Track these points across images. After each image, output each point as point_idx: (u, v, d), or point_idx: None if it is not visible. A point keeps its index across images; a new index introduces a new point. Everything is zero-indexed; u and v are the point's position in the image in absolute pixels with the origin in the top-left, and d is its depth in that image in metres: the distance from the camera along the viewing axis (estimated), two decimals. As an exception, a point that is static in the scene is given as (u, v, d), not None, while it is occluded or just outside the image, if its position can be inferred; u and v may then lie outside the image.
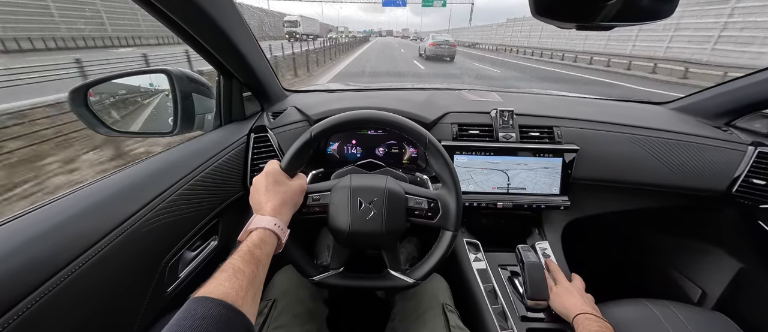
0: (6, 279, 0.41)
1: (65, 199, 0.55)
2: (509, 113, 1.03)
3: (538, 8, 0.48)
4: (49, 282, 0.44)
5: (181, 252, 0.71)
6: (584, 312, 0.70)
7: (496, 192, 1.00)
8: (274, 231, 0.54)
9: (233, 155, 0.89)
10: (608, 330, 0.66)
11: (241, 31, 0.80)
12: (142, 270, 0.60)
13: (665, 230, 1.38)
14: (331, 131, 0.67)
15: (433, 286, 0.83)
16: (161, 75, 0.88)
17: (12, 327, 0.39)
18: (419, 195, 0.69)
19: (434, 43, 17.50)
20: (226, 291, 0.40)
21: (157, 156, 0.75)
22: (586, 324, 0.67)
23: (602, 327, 0.66)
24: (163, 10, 0.60)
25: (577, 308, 0.72)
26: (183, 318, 0.36)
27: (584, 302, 0.75)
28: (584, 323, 0.67)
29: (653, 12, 0.45)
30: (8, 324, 0.39)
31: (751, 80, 1.04)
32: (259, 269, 0.47)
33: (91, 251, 0.50)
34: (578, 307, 0.72)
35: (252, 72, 0.94)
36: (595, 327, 0.66)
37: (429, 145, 0.66)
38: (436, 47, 17.44)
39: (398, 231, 0.68)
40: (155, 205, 0.62)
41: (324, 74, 11.40)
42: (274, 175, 0.61)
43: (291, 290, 0.78)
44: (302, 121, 1.06)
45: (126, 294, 0.57)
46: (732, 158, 1.01)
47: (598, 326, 0.66)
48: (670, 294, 1.12)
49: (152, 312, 0.64)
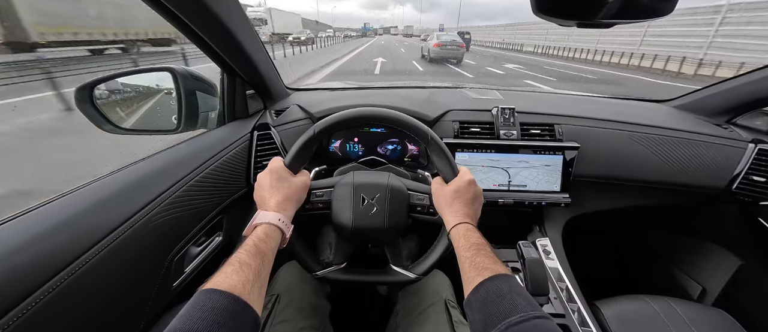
0: (17, 273, 0.42)
1: (73, 195, 0.56)
2: (510, 111, 1.03)
3: (539, 6, 0.48)
4: (59, 275, 0.45)
5: (187, 248, 0.72)
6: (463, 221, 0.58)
7: (497, 189, 1.01)
8: (279, 226, 0.55)
9: (237, 152, 0.90)
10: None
11: (246, 30, 0.81)
12: (150, 265, 0.62)
13: (666, 227, 1.39)
14: (334, 128, 0.67)
15: (435, 282, 0.83)
16: (165, 73, 0.89)
17: (22, 319, 0.40)
18: (421, 191, 0.70)
19: (439, 44, 14.95)
20: (234, 283, 0.41)
21: (162, 153, 0.76)
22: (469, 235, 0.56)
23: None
24: (171, 10, 0.61)
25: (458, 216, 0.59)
26: (193, 308, 0.37)
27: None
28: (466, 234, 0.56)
29: (653, 9, 0.46)
30: (19, 316, 0.40)
31: (751, 78, 1.04)
32: (264, 263, 0.48)
33: (100, 244, 0.51)
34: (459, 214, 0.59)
35: (256, 70, 0.94)
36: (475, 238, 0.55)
37: (430, 141, 0.67)
38: (442, 48, 14.87)
39: (400, 227, 0.69)
40: (162, 201, 0.63)
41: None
42: (278, 172, 0.62)
43: (294, 285, 0.79)
44: (305, 118, 1.07)
45: (134, 288, 0.58)
46: (732, 155, 1.01)
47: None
48: (670, 291, 1.13)
49: (158, 306, 0.65)
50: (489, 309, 0.42)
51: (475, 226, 0.58)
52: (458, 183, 0.63)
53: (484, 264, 0.49)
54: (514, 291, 0.43)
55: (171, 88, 0.90)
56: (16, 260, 0.42)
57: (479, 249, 0.52)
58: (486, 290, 0.45)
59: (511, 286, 0.44)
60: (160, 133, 0.93)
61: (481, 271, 0.48)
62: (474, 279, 0.47)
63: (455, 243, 0.57)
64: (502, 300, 0.42)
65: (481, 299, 0.45)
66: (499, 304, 0.42)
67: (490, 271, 0.47)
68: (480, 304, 0.44)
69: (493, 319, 0.40)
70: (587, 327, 0.78)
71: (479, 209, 0.64)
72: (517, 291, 0.43)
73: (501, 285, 0.45)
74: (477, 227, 0.59)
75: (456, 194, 0.62)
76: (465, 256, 0.52)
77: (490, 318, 0.41)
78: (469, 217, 0.59)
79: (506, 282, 0.45)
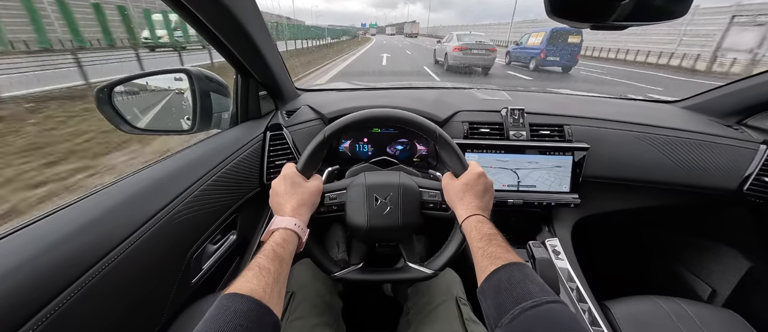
0: (45, 274, 0.42)
1: (99, 194, 0.57)
2: (520, 112, 1.04)
3: (553, 8, 0.49)
4: (86, 274, 0.46)
5: (204, 245, 0.74)
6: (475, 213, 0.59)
7: (506, 189, 1.02)
8: (295, 230, 0.56)
9: (250, 152, 0.92)
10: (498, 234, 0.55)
11: (261, 31, 0.82)
12: (171, 262, 0.63)
13: (675, 228, 1.38)
14: (344, 131, 0.69)
15: (446, 280, 0.84)
16: (181, 74, 0.91)
17: (51, 320, 0.41)
18: (432, 187, 0.71)
19: (462, 47, 10.59)
20: (254, 288, 0.42)
21: (181, 152, 0.78)
22: (479, 226, 0.56)
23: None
24: (190, 10, 0.63)
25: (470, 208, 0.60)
26: (217, 312, 0.38)
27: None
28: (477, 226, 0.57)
29: (667, 11, 0.47)
30: (47, 317, 0.40)
31: (762, 79, 1.04)
32: (282, 267, 0.49)
33: (125, 243, 0.52)
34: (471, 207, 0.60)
35: (269, 71, 0.96)
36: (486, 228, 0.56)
37: (439, 137, 0.68)
38: (464, 53, 10.59)
39: (414, 225, 0.70)
40: (182, 200, 0.65)
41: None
42: (291, 178, 0.64)
43: (308, 283, 0.80)
44: (316, 119, 1.08)
45: (157, 285, 0.60)
46: (743, 157, 1.01)
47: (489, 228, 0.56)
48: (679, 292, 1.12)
49: (178, 302, 0.67)
50: (502, 295, 0.43)
51: (488, 218, 0.59)
52: (468, 176, 0.64)
53: (496, 254, 0.49)
54: (528, 278, 0.44)
55: (185, 88, 0.93)
56: (47, 259, 0.43)
57: (491, 239, 0.53)
58: (499, 278, 0.45)
59: (525, 274, 0.45)
60: (176, 133, 0.95)
61: (494, 260, 0.48)
62: (487, 268, 0.48)
63: (468, 235, 0.57)
64: (515, 287, 0.43)
65: (494, 286, 0.45)
66: (512, 291, 0.42)
67: (503, 260, 0.48)
68: (493, 291, 0.45)
69: (507, 305, 0.41)
70: (598, 327, 0.79)
71: (490, 201, 0.65)
72: (530, 278, 0.44)
73: (514, 272, 0.45)
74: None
75: (466, 187, 0.63)
76: (478, 247, 0.53)
77: (503, 304, 0.41)
78: (480, 209, 0.60)
79: (519, 269, 0.46)
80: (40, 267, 0.42)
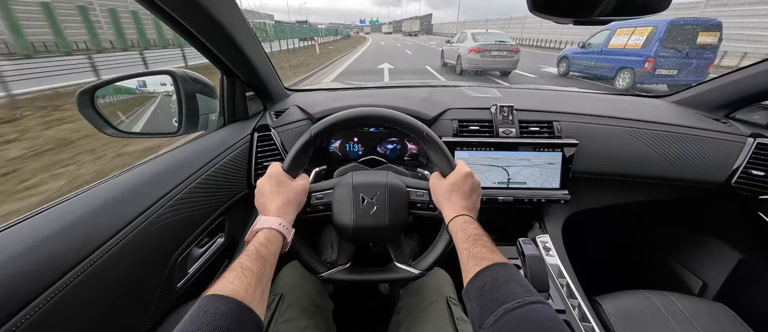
0: (20, 278, 0.42)
1: (77, 198, 0.56)
2: (509, 108, 1.04)
3: (535, 4, 0.49)
4: (63, 279, 0.45)
5: (190, 249, 0.73)
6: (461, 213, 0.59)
7: (496, 187, 1.01)
8: (279, 230, 0.55)
9: (238, 154, 0.91)
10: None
11: (244, 31, 0.81)
12: (154, 266, 0.62)
13: (665, 222, 1.39)
14: (331, 130, 0.68)
15: (436, 280, 0.84)
16: (165, 76, 0.89)
17: (26, 324, 0.40)
18: (420, 187, 0.70)
19: (478, 48, 8.85)
20: (236, 288, 0.41)
21: (163, 155, 0.76)
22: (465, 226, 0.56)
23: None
24: (167, 12, 0.62)
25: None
26: (197, 314, 0.37)
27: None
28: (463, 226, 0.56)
29: (649, 6, 0.46)
30: (22, 322, 0.40)
31: (750, 72, 1.05)
32: (266, 267, 0.48)
33: (103, 248, 0.51)
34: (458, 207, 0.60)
35: (255, 71, 0.95)
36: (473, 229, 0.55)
37: (426, 137, 0.67)
38: (482, 55, 8.87)
39: (401, 224, 0.69)
40: (164, 203, 0.63)
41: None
42: (277, 177, 0.63)
43: (297, 285, 0.80)
44: (304, 119, 1.07)
45: (139, 290, 0.59)
46: (731, 150, 1.02)
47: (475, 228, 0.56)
48: (670, 286, 1.13)
49: (163, 307, 0.65)
50: (486, 297, 0.42)
51: (474, 218, 0.59)
52: (455, 176, 0.64)
53: (481, 254, 0.49)
54: (512, 279, 0.43)
55: (171, 90, 0.91)
56: (23, 263, 0.43)
57: (477, 239, 0.52)
58: (483, 279, 0.45)
59: (509, 274, 0.44)
60: (161, 135, 0.94)
61: (479, 261, 0.48)
62: (472, 269, 0.48)
63: (454, 235, 0.57)
64: (499, 288, 0.42)
65: (478, 288, 0.45)
66: (496, 292, 0.42)
67: (487, 261, 0.47)
68: (478, 293, 0.44)
69: (490, 306, 0.40)
70: (588, 323, 0.79)
71: (477, 201, 0.65)
72: (514, 278, 0.44)
73: (499, 273, 0.45)
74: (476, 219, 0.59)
75: (453, 187, 0.62)
76: (463, 247, 0.52)
77: (487, 305, 0.41)
78: (467, 209, 0.60)
79: (504, 270, 0.45)
80: (14, 272, 0.41)
